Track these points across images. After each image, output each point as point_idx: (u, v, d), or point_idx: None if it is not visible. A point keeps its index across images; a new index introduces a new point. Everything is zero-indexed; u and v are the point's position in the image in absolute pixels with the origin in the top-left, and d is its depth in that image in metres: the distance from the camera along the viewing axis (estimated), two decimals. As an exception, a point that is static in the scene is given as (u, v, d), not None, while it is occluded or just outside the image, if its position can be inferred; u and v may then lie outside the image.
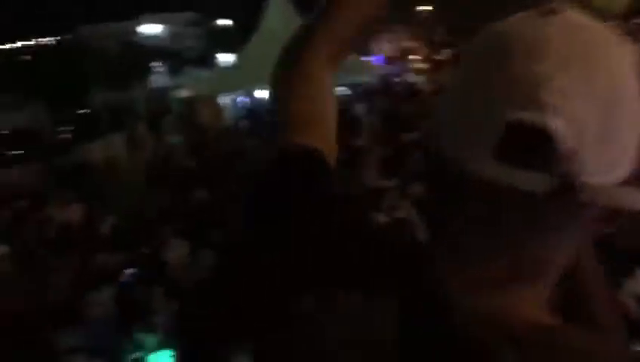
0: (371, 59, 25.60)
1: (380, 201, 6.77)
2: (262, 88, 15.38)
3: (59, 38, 44.10)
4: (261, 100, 15.74)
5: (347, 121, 14.21)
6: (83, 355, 4.13)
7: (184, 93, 16.22)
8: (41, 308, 5.27)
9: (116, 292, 5.06)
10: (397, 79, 23.50)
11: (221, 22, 38.20)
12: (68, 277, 5.74)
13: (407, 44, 41.47)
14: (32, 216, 7.52)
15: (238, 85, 15.24)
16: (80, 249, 6.44)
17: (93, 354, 4.25)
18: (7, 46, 48.68)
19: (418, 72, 26.25)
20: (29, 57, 34.53)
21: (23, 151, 13.24)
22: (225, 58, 35.52)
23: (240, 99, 17.10)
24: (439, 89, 16.76)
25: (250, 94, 16.47)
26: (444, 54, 33.05)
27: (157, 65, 34.86)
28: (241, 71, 14.87)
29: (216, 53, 36.37)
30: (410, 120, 13.05)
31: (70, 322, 4.50)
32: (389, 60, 33.19)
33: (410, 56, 34.09)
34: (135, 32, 35.55)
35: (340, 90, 26.40)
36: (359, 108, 15.11)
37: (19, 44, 49.08)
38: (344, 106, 16.19)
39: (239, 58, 17.12)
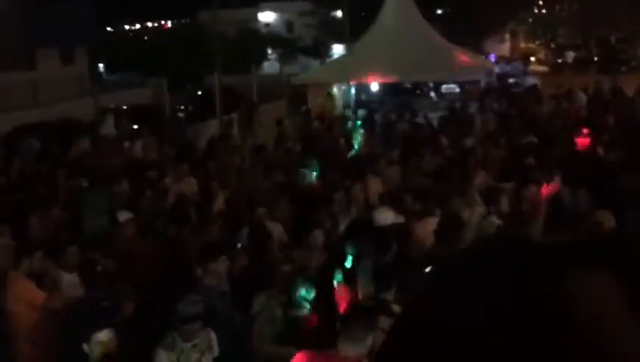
0: (489, 57, 24.80)
1: (495, 201, 6.54)
2: (374, 79, 15.35)
3: (180, 21, 46.32)
4: (371, 92, 15.70)
5: (458, 120, 13.87)
6: (198, 323, 4.27)
7: (296, 81, 16.48)
8: (161, 273, 5.53)
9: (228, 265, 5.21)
10: (514, 80, 22.61)
11: (334, 13, 38.43)
12: (186, 245, 5.98)
13: (527, 45, 39.84)
14: (153, 187, 7.92)
15: (350, 75, 15.29)
16: (196, 220, 6.69)
17: (206, 323, 4.39)
18: (133, 27, 51.56)
19: (536, 73, 25.15)
20: (152, 38, 36.36)
21: (143, 126, 13.96)
22: (336, 48, 35.84)
23: (352, 89, 17.14)
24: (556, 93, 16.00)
25: (361, 85, 16.47)
26: (567, 57, 31.54)
27: (271, 52, 35.66)
28: (353, 61, 14.91)
29: (328, 43, 36.79)
30: (526, 122, 12.53)
31: (188, 289, 4.68)
32: (502, 60, 32.00)
33: (532, 58, 32.68)
34: (252, 20, 36.48)
35: (450, 88, 25.86)
36: (472, 107, 14.69)
37: (142, 25, 51.83)
38: (455, 104, 15.82)
39: (352, 49, 17.15)
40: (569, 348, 0.62)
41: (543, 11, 40.18)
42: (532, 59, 34.33)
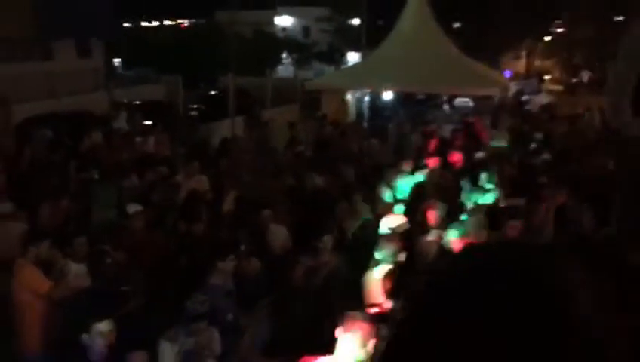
0: (505, 73, 24.75)
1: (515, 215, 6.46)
2: (389, 88, 15.34)
3: (197, 20, 46.55)
4: (386, 100, 15.69)
5: (469, 134, 13.84)
6: (203, 321, 4.26)
7: (311, 86, 16.49)
8: (167, 267, 5.53)
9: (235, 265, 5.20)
10: (528, 97, 22.55)
11: (351, 20, 38.52)
12: (193, 242, 5.98)
13: (542, 63, 39.71)
14: (164, 182, 7.93)
15: (365, 83, 15.28)
16: (206, 218, 6.68)
17: (211, 322, 4.38)
18: (150, 24, 51.84)
19: (551, 92, 25.09)
20: (168, 36, 36.53)
21: (156, 123, 14.02)
22: (351, 56, 35.90)
23: (366, 97, 17.14)
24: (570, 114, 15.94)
25: (377, 93, 16.45)
26: (582, 77, 31.42)
27: (286, 56, 35.74)
28: (369, 69, 14.90)
29: (344, 50, 36.88)
30: (537, 141, 12.48)
31: (194, 286, 4.68)
32: (517, 77, 31.97)
33: (545, 77, 32.58)
34: (269, 23, 36.59)
35: (463, 101, 25.79)
36: (485, 122, 14.64)
37: (160, 23, 52.10)
38: (468, 118, 15.79)
39: (369, 57, 17.16)
40: (565, 344, 0.64)
41: (560, 30, 40.13)
42: (546, 77, 34.26)
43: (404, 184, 8.70)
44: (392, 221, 6.14)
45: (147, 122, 14.35)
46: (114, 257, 5.43)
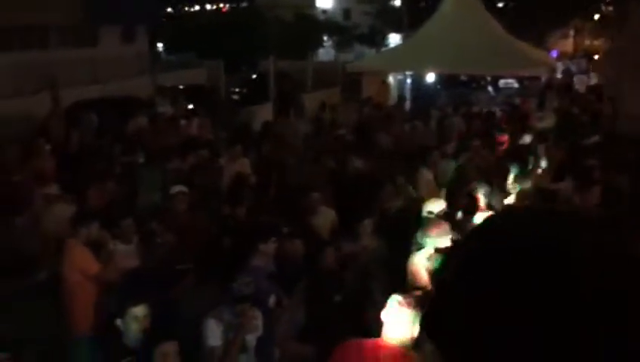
0: (551, 53, 24.07)
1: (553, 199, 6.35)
2: (430, 70, 15.12)
3: (237, 4, 46.71)
4: (429, 82, 15.47)
5: (515, 116, 13.53)
6: (248, 303, 4.29)
7: (352, 68, 16.37)
8: (211, 249, 5.60)
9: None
10: (577, 78, 21.90)
11: (392, 1, 38.01)
12: (236, 225, 6.03)
13: (591, 42, 38.43)
14: (207, 165, 8.02)
15: (406, 65, 15.09)
16: (248, 201, 6.73)
17: (253, 303, 4.42)
18: (192, 9, 52.26)
19: (598, 71, 24.27)
20: (210, 20, 36.75)
21: (199, 106, 14.18)
22: (393, 38, 35.48)
23: (408, 79, 16.94)
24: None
25: (419, 76, 16.24)
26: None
27: (327, 39, 35.56)
28: (410, 51, 14.70)
29: (385, 32, 36.46)
30: (585, 123, 12.12)
31: (237, 268, 4.73)
32: (564, 56, 31.02)
33: (595, 56, 31.51)
34: (309, 5, 36.41)
35: (508, 83, 25.21)
36: (531, 104, 14.30)
37: (201, 7, 52.48)
38: (514, 100, 15.43)
39: (410, 38, 16.92)
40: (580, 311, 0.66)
41: (610, 8, 38.72)
42: (596, 57, 33.18)
43: (447, 167, 8.59)
44: (435, 204, 6.07)
45: (190, 106, 14.53)
46: (163, 238, 5.51)
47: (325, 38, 36.55)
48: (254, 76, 22.71)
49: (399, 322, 3.50)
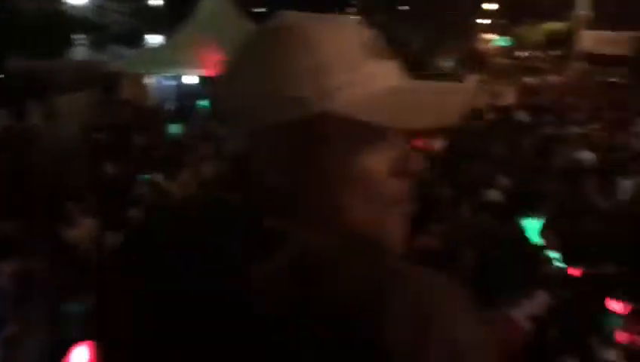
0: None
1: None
2: (188, 73, 15.42)
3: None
4: (192, 84, 15.73)
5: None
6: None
7: (108, 69, 15.92)
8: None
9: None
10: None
11: (152, 1, 37.31)
12: None
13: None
14: None
15: (166, 67, 15.16)
16: None
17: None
18: None
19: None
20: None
21: None
22: (152, 38, 34.74)
23: (166, 81, 17.00)
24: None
25: (177, 77, 16.42)
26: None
27: (80, 38, 33.49)
28: (169, 53, 14.80)
29: (144, 32, 35.41)
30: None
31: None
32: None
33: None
34: (59, 1, 33.93)
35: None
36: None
37: None
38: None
39: (169, 40, 16.98)
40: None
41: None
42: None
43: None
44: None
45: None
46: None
47: (79, 36, 34.30)
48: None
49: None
